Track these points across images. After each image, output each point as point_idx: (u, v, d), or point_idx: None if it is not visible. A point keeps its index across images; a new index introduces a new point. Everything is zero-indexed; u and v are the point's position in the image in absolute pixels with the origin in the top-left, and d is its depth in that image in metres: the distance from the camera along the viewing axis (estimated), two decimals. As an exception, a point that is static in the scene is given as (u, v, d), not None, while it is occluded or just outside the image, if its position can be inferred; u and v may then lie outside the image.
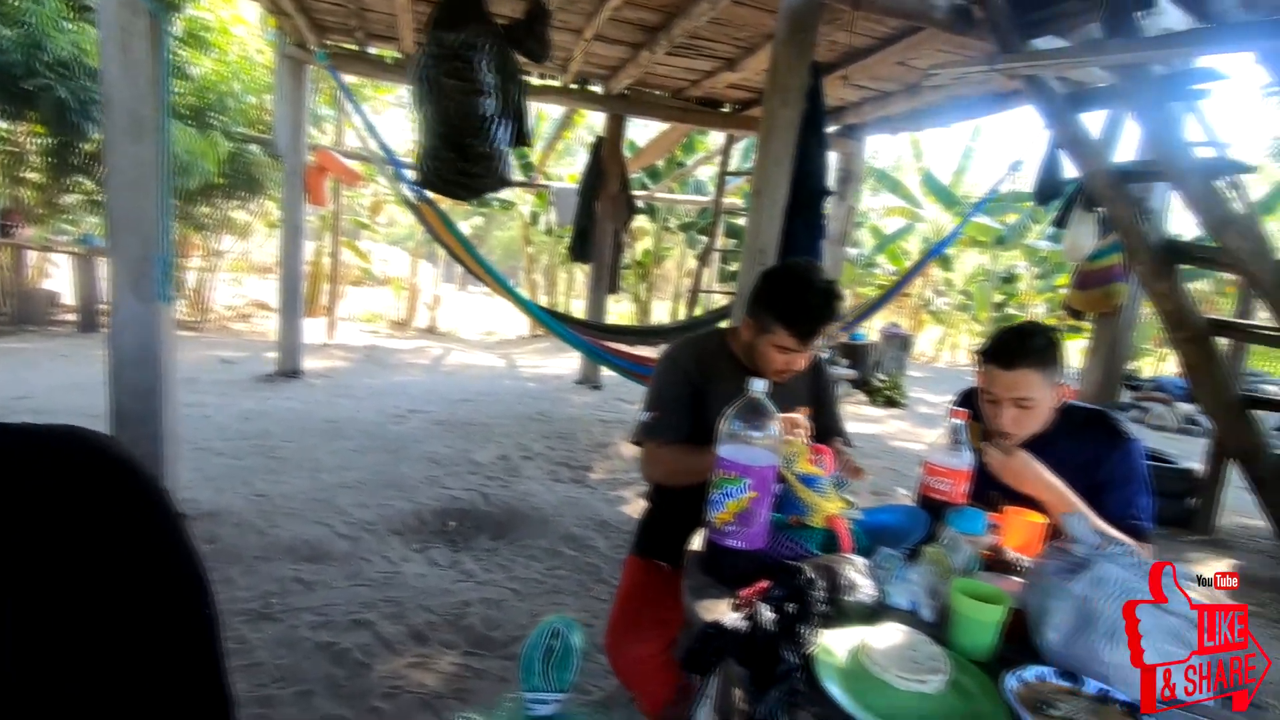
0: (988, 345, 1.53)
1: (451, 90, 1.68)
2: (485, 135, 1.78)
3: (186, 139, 6.51)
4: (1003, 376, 1.47)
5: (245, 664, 2.09)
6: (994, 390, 1.50)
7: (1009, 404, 1.48)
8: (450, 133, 1.74)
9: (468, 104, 1.73)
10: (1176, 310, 3.59)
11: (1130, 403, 8.59)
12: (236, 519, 2.96)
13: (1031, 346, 1.45)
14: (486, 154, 1.81)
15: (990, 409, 1.53)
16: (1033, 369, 1.45)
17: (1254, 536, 4.10)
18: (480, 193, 1.88)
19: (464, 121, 1.74)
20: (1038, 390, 1.46)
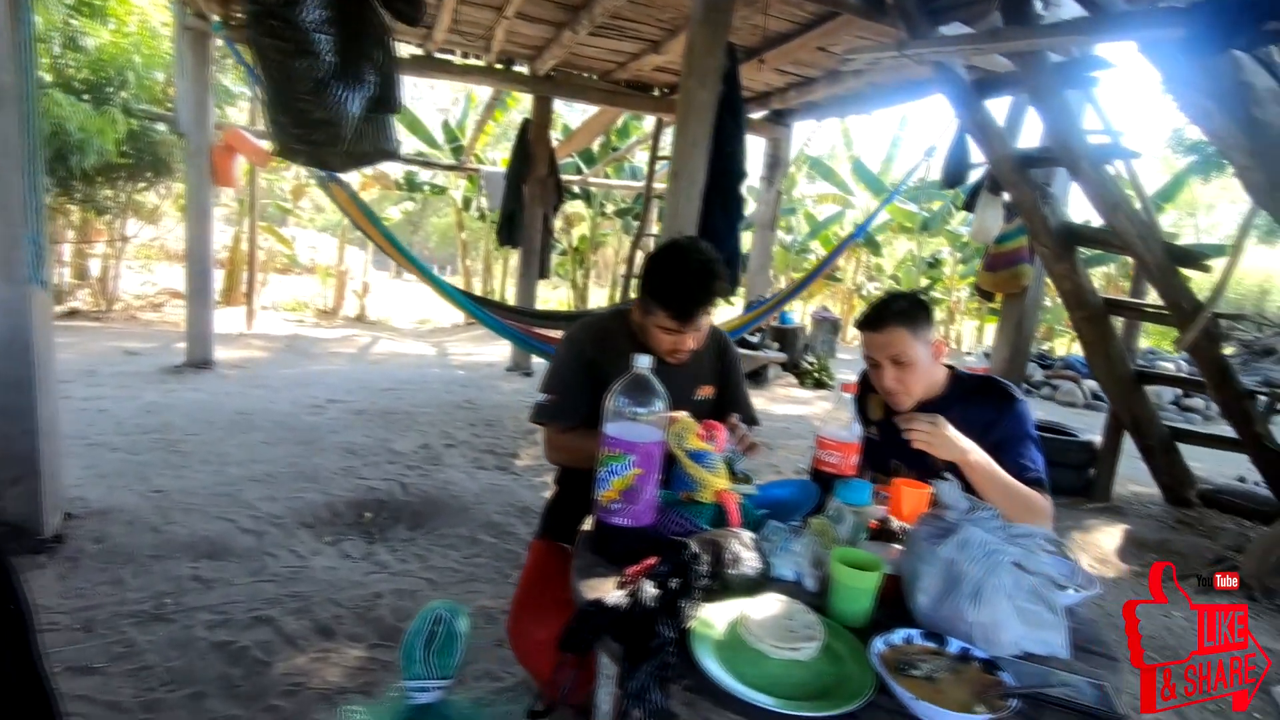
0: (861, 315, 1.64)
1: (270, 50, 1.58)
2: (321, 99, 1.68)
3: (80, 115, 6.05)
4: (874, 338, 1.57)
5: (132, 668, 1.97)
6: (871, 353, 1.59)
7: (887, 363, 1.57)
8: (279, 96, 1.64)
9: (290, 66, 1.62)
10: (1075, 290, 3.78)
11: (1042, 380, 9.05)
12: (129, 517, 2.79)
13: (895, 308, 1.56)
14: (326, 119, 1.71)
15: (875, 374, 1.61)
16: (899, 326, 1.54)
17: (1145, 503, 4.37)
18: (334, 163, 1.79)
19: (289, 84, 1.63)
20: (908, 346, 1.54)
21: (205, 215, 5.28)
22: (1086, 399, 8.41)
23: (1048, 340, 13.99)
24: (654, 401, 1.23)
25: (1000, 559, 1.08)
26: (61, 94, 6.05)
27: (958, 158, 3.97)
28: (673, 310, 1.56)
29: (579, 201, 12.80)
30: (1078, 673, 1.07)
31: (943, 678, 0.97)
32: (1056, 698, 0.96)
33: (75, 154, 6.13)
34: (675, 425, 1.37)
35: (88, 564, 2.46)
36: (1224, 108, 2.34)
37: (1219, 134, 2.49)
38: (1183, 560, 3.54)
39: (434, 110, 14.38)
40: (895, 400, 1.61)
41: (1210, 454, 5.63)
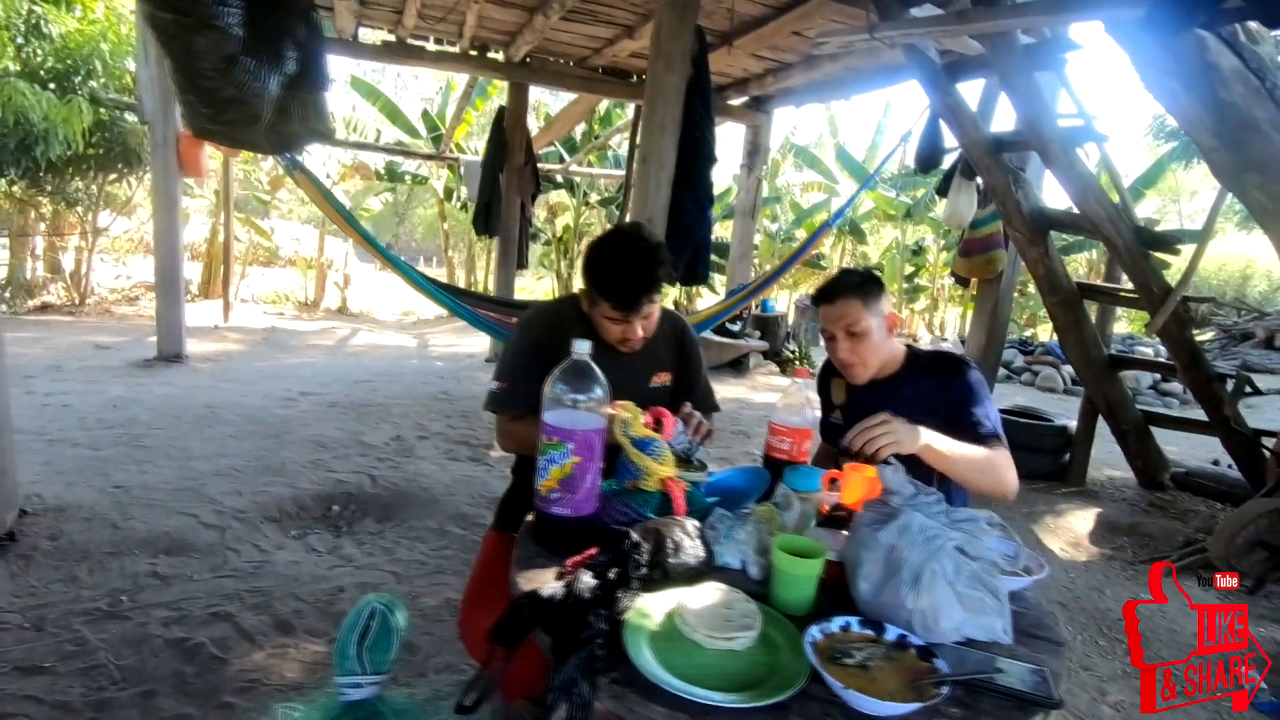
0: (816, 292, 1.66)
1: (169, 25, 1.51)
2: (230, 77, 1.61)
3: (43, 105, 5.92)
4: (829, 310, 1.59)
5: (83, 666, 1.93)
6: (826, 326, 1.61)
7: (842, 335, 1.58)
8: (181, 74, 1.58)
9: (192, 41, 1.55)
10: (1049, 275, 3.78)
11: (1023, 366, 9.10)
12: (87, 513, 2.74)
13: (847, 281, 1.60)
14: (237, 98, 1.64)
15: (831, 348, 1.62)
16: (852, 297, 1.56)
17: (1120, 487, 4.40)
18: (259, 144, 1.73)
19: (192, 61, 1.56)
20: (861, 316, 1.55)
21: (173, 205, 5.18)
22: (1066, 385, 8.46)
23: (1030, 327, 14.09)
24: (593, 388, 1.20)
25: (941, 544, 1.06)
26: (24, 83, 5.91)
27: (931, 142, 3.95)
28: (616, 300, 1.52)
29: (563, 191, 12.73)
30: (1020, 658, 1.05)
31: (876, 666, 0.95)
32: (991, 684, 0.95)
33: (39, 144, 6.01)
34: (620, 413, 1.34)
35: (41, 561, 2.41)
36: (1189, 89, 2.33)
37: (1186, 116, 2.48)
38: (1154, 543, 3.56)
39: (418, 100, 14.19)
40: (851, 373, 1.62)
41: (1185, 437, 5.68)
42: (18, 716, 1.74)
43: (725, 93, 6.35)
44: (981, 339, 4.39)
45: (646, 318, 1.59)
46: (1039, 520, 3.75)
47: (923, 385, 1.58)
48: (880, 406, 1.61)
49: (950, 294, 14.64)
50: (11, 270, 8.62)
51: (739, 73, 5.87)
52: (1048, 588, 2.99)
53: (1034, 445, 4.45)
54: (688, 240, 3.28)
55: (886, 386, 1.63)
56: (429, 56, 5.69)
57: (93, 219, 8.55)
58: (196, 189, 10.83)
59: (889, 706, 0.86)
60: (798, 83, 5.72)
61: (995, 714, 0.91)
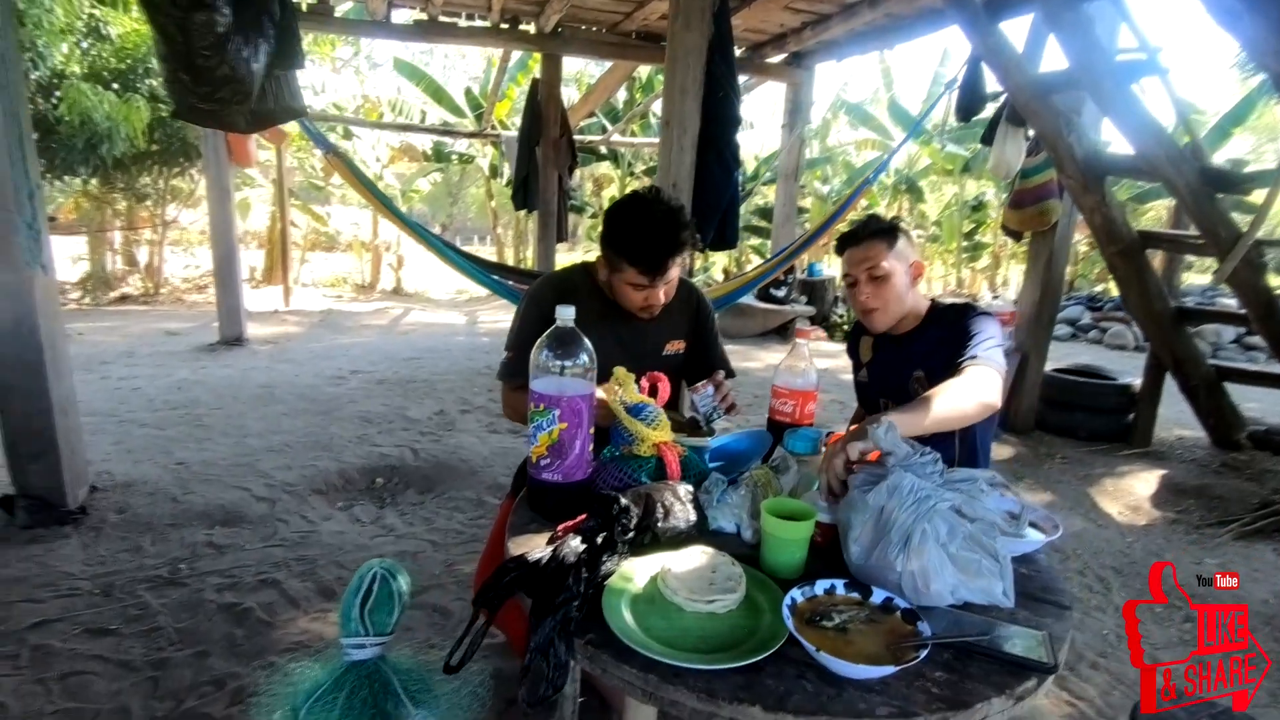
0: (839, 238, 1.63)
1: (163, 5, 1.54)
2: (222, 54, 1.64)
3: (106, 105, 6.21)
4: (853, 253, 1.58)
5: (144, 629, 2.08)
6: (850, 270, 1.59)
7: (864, 279, 1.56)
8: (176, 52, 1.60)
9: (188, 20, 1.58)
10: (1106, 224, 3.55)
11: (1090, 323, 8.63)
12: (151, 488, 2.92)
13: (873, 225, 1.58)
14: (230, 76, 1.67)
15: (852, 294, 1.61)
16: (877, 240, 1.55)
17: (1188, 447, 4.15)
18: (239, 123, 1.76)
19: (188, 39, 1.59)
20: (885, 259, 1.54)
21: (225, 196, 5.38)
22: (1137, 341, 7.98)
23: (1102, 282, 13.31)
24: (579, 355, 1.19)
25: (932, 505, 1.02)
26: (87, 85, 6.21)
27: (972, 88, 3.73)
28: (641, 264, 1.51)
29: (606, 163, 12.64)
30: (1021, 622, 1.01)
31: (857, 629, 0.93)
32: (979, 647, 0.91)
33: (104, 143, 6.32)
34: (613, 378, 1.33)
35: (109, 533, 2.59)
36: (1253, 7, 2.11)
37: (1250, 39, 2.26)
38: (1224, 505, 3.35)
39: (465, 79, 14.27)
40: (872, 319, 1.60)
41: (1267, 393, 5.30)
42: (87, 674, 1.88)
43: (762, 50, 6.15)
44: (1035, 295, 4.16)
45: (668, 282, 1.58)
46: (1096, 483, 3.58)
47: (938, 332, 1.56)
48: (901, 360, 1.61)
49: (1013, 250, 13.93)
50: (92, 265, 9.16)
51: (775, 28, 5.66)
52: (1101, 552, 2.86)
53: (1093, 405, 4.24)
54: (715, 205, 3.21)
55: (906, 340, 1.62)
56: (460, 33, 5.70)
57: (161, 212, 8.99)
58: (258, 179, 11.23)
59: (861, 669, 0.84)
60: (837, 34, 5.47)
61: (984, 678, 0.88)
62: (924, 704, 0.82)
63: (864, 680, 0.85)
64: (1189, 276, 12.26)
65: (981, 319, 1.51)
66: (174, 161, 8.06)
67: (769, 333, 7.19)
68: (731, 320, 7.17)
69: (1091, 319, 8.74)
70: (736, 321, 7.18)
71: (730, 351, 1.93)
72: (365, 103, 12.92)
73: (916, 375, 1.57)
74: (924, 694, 0.84)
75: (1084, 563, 2.78)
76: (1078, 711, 1.92)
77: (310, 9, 5.30)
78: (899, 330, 1.63)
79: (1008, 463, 3.81)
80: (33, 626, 2.04)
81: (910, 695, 0.83)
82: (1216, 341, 7.74)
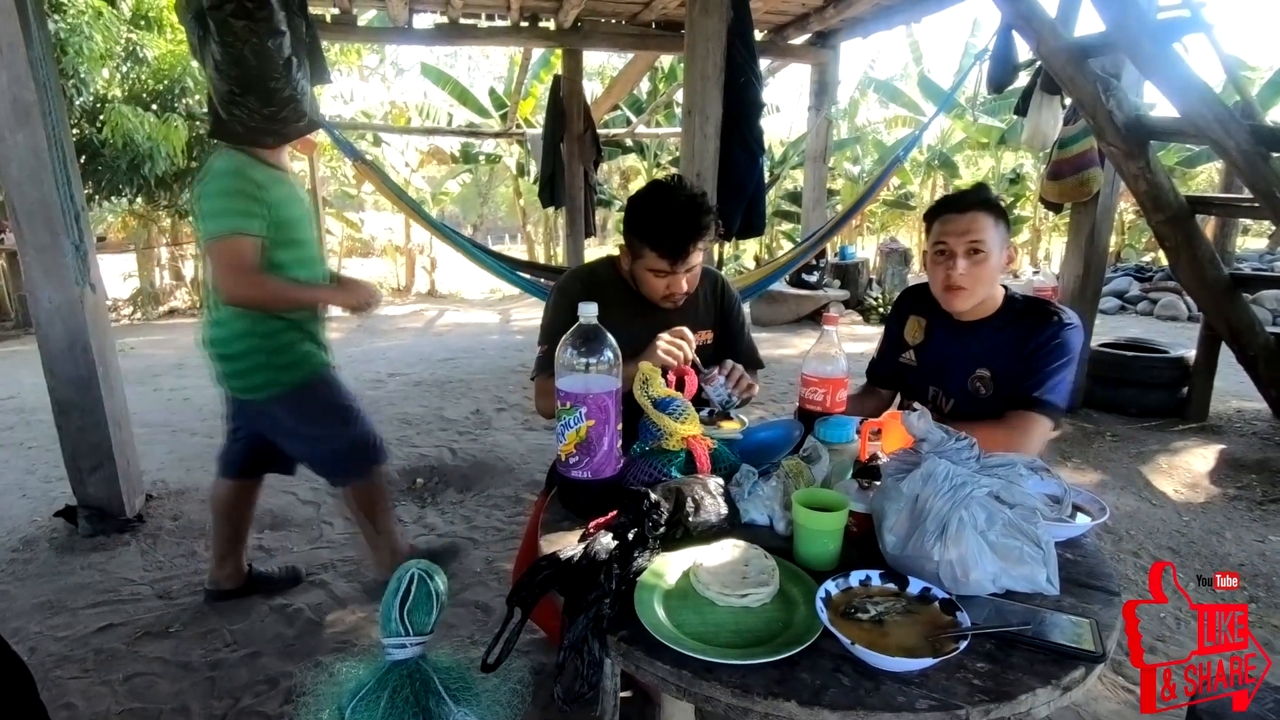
0: (941, 198, 1.51)
1: (243, 32, 1.58)
2: (288, 76, 1.68)
3: (146, 126, 6.42)
4: (956, 221, 1.43)
5: (201, 631, 2.15)
6: (946, 239, 1.44)
7: (963, 252, 1.42)
8: (249, 77, 1.64)
9: (264, 45, 1.62)
10: (1152, 191, 3.41)
11: (1139, 294, 8.32)
12: (203, 495, 3.02)
13: (983, 194, 1.44)
14: (292, 95, 1.71)
15: (940, 266, 1.46)
16: (985, 213, 1.42)
17: (1249, 420, 3.98)
18: (289, 137, 1.80)
19: (263, 64, 1.63)
20: (990, 235, 1.41)
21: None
22: (1191, 312, 7.67)
23: (1152, 251, 12.81)
24: (603, 351, 1.19)
25: (969, 492, 0.99)
26: (128, 107, 6.42)
27: (1003, 57, 3.60)
28: (663, 249, 1.51)
29: (632, 155, 12.60)
30: (1067, 609, 0.98)
31: (893, 620, 0.91)
32: (1022, 636, 0.88)
33: (146, 163, 6.54)
34: (639, 373, 1.32)
35: (166, 539, 2.69)
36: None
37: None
38: (1286, 480, 3.21)
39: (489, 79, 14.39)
40: (953, 298, 1.47)
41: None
42: (149, 675, 1.96)
43: (785, 32, 6.04)
44: (1078, 268, 4.02)
45: (691, 270, 1.57)
46: (1150, 460, 3.45)
47: (1008, 334, 1.45)
48: (963, 352, 1.52)
49: (1054, 223, 13.50)
50: (141, 280, 9.51)
51: (797, 8, 5.55)
52: (1156, 533, 2.77)
53: (1144, 380, 4.09)
54: (741, 192, 3.17)
55: (973, 330, 1.50)
56: (481, 33, 5.73)
57: (205, 228, 9.26)
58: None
59: (898, 662, 0.82)
60: (862, 10, 5.36)
61: (1028, 668, 0.85)
62: (965, 696, 0.80)
63: (902, 673, 0.83)
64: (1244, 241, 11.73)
65: (1064, 338, 1.41)
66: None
67: (802, 319, 7.10)
68: (764, 308, 7.10)
69: (1140, 290, 8.43)
70: (769, 309, 7.11)
71: (763, 340, 1.92)
72: (393, 109, 13.12)
73: (980, 374, 1.48)
74: (965, 686, 0.81)
75: (1139, 544, 2.68)
76: (1134, 697, 1.86)
77: (335, 20, 5.39)
78: (967, 316, 1.51)
79: (1054, 443, 3.70)
80: (98, 631, 2.14)
81: (951, 687, 0.81)
82: (1276, 309, 7.39)
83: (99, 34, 6.33)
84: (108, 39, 6.64)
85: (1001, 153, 12.55)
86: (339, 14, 5.33)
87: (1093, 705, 1.82)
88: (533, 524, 1.75)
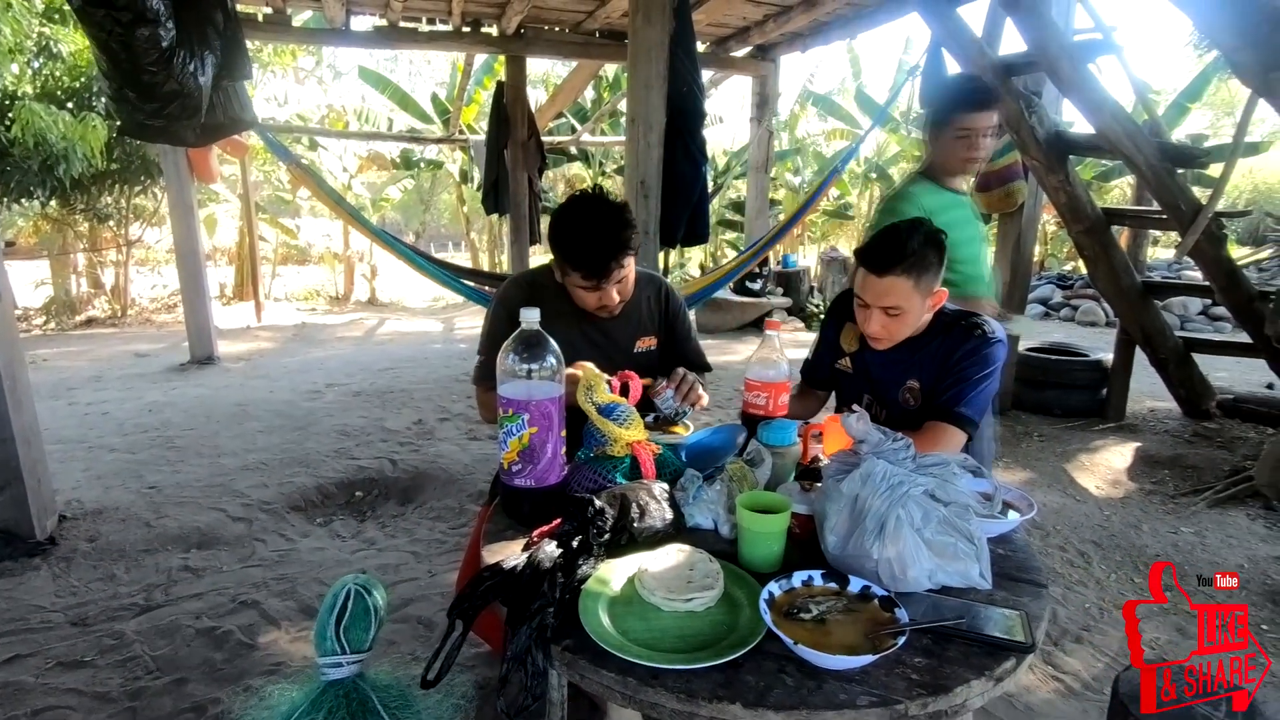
0: (864, 246, 1.43)
1: (105, 21, 1.49)
2: (168, 69, 1.60)
3: (60, 125, 6.06)
4: (874, 283, 1.38)
5: (120, 659, 2.02)
6: (864, 296, 1.41)
7: (878, 311, 1.40)
8: (119, 70, 1.56)
9: (131, 36, 1.53)
10: (1071, 203, 3.60)
11: (1061, 301, 8.76)
12: (123, 514, 2.85)
13: (905, 253, 1.35)
14: (179, 90, 1.63)
15: (861, 313, 1.45)
16: (905, 276, 1.35)
17: (1161, 419, 4.22)
18: (209, 137, 1.73)
19: (133, 56, 1.55)
20: (907, 299, 1.37)
21: (189, 212, 5.28)
22: (1108, 317, 8.12)
23: (1073, 260, 13.51)
24: (545, 357, 1.18)
25: (906, 490, 1.02)
26: (40, 105, 6.05)
27: (935, 74, 3.75)
28: (585, 269, 1.49)
29: (578, 163, 12.58)
30: (999, 603, 1.01)
31: (835, 619, 0.92)
32: (957, 630, 0.91)
33: (61, 164, 6.17)
34: (583, 379, 1.31)
35: (81, 562, 2.53)
36: (1201, -15, 2.15)
37: (1203, 14, 2.30)
38: (1197, 474, 3.41)
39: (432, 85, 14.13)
40: (873, 343, 1.49)
41: (1237, 363, 5.43)
42: (61, 709, 1.83)
43: (726, 44, 6.16)
44: (1006, 276, 4.20)
45: (620, 282, 1.56)
46: (1073, 459, 3.63)
47: (935, 346, 1.47)
48: (889, 363, 1.53)
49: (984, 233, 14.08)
50: (55, 288, 8.96)
51: (738, 21, 5.67)
52: (1080, 527, 2.90)
53: (1067, 382, 4.30)
54: (685, 200, 3.21)
55: (905, 344, 1.50)
56: (422, 38, 5.64)
57: (125, 232, 8.80)
58: (224, 194, 11.05)
59: (839, 660, 0.83)
60: (801, 25, 5.50)
61: (963, 661, 0.88)
62: (904, 690, 0.82)
63: (844, 671, 0.85)
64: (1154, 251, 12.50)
65: (986, 353, 1.42)
66: (135, 180, 7.89)
67: (746, 326, 7.21)
68: (709, 315, 7.18)
69: (1063, 297, 8.88)
70: (714, 316, 7.19)
71: (708, 345, 1.92)
72: (330, 112, 12.75)
73: (910, 385, 1.50)
74: (904, 680, 0.83)
75: (1064, 538, 2.81)
76: (1063, 686, 1.94)
77: (267, 19, 5.21)
78: None
79: (986, 443, 3.85)
80: (3, 663, 1.98)
81: (890, 683, 0.83)
82: (1184, 314, 7.90)
83: (8, 26, 5.95)
84: (17, 32, 6.25)
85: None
86: (272, 13, 5.17)
87: (1025, 696, 1.89)
88: (476, 535, 1.72)
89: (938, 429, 1.41)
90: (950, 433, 1.40)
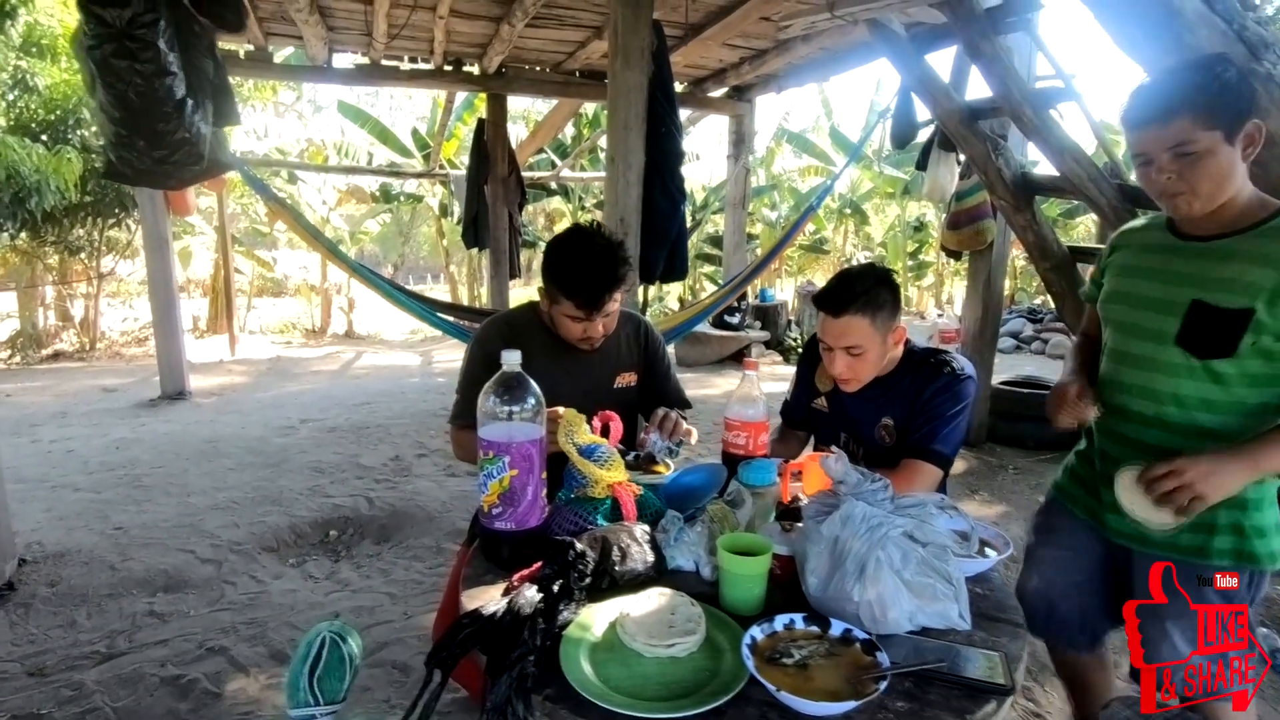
0: (819, 291, 1.48)
1: (125, 73, 1.52)
2: (180, 118, 1.64)
3: (34, 158, 6.00)
4: (832, 325, 1.43)
5: (79, 712, 1.94)
6: (825, 338, 1.46)
7: (840, 351, 1.44)
8: (134, 119, 1.58)
9: (150, 87, 1.57)
10: (1038, 241, 3.69)
11: (1032, 335, 8.95)
12: (86, 557, 2.76)
13: (857, 291, 1.40)
14: (186, 138, 1.66)
15: (826, 356, 1.49)
16: (860, 315, 1.40)
17: (1131, 450, 4.30)
18: (189, 181, 1.75)
19: (150, 106, 1.58)
20: (865, 338, 1.41)
21: (163, 245, 5.22)
22: (1078, 350, 8.31)
23: (1042, 294, 13.87)
24: (526, 399, 1.18)
25: (885, 532, 1.03)
26: (14, 138, 6.00)
27: (905, 116, 3.88)
28: (579, 298, 1.51)
29: (557, 197, 12.71)
30: (978, 643, 1.02)
31: (817, 664, 0.92)
32: (938, 673, 0.91)
33: (33, 196, 6.09)
34: (563, 421, 1.32)
35: (40, 608, 2.43)
36: (1150, 35, 2.25)
37: (1148, 63, 2.41)
38: (1167, 505, 3.47)
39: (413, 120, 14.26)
40: (842, 384, 1.52)
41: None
42: (15, 766, 1.75)
43: (704, 84, 6.31)
44: (978, 311, 4.30)
45: (608, 315, 1.58)
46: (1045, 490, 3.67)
47: (905, 384, 1.50)
48: (864, 401, 1.55)
49: (956, 268, 14.45)
50: (22, 322, 8.77)
51: (715, 64, 5.82)
52: (1056, 560, 2.92)
53: (1040, 415, 4.35)
54: (663, 238, 3.25)
55: (875, 382, 1.52)
56: (404, 75, 5.71)
57: (96, 265, 8.68)
58: (200, 226, 10.96)
59: (822, 707, 0.83)
60: (776, 68, 5.66)
61: (944, 704, 0.88)
62: (887, 737, 0.82)
63: (827, 718, 0.84)
64: (1120, 285, 12.84)
65: (955, 390, 1.46)
66: (109, 212, 7.81)
67: (725, 359, 7.25)
68: (688, 349, 7.22)
69: (1033, 330, 9.07)
70: (693, 350, 7.23)
71: (687, 380, 1.93)
72: (310, 146, 12.79)
73: (885, 423, 1.52)
74: (886, 726, 0.83)
75: (1041, 571, 2.83)
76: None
77: (249, 56, 5.25)
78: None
79: (962, 476, 3.88)
80: (-47, 718, 1.90)
81: (873, 729, 0.83)
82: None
83: (-16, 60, 5.93)
84: (-6, 65, 6.23)
85: (906, 202, 13.38)
86: (254, 50, 5.20)
87: (1006, 733, 1.88)
88: (454, 577, 1.69)
89: (913, 466, 1.43)
90: (926, 470, 1.43)
